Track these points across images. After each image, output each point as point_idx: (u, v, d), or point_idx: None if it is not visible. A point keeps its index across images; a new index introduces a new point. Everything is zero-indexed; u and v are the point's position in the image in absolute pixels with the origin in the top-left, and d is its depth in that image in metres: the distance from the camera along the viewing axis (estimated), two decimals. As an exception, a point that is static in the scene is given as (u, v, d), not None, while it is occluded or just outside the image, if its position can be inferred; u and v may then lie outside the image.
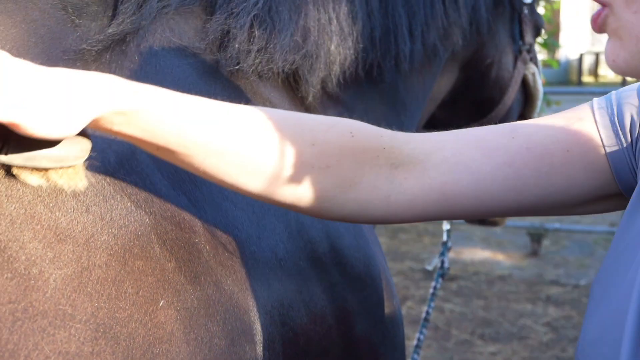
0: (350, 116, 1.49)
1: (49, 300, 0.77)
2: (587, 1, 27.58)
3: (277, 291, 1.06)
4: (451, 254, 2.13)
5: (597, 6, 0.84)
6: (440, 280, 2.07)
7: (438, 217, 1.01)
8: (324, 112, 1.43)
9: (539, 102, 2.12)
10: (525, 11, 1.97)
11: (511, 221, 8.10)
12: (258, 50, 1.23)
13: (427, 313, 2.04)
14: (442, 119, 2.03)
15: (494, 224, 2.30)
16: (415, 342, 1.98)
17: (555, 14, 19.23)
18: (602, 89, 10.64)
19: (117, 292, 0.83)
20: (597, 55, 26.51)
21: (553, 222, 7.91)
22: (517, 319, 5.31)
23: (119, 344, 0.80)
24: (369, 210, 0.98)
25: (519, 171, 0.97)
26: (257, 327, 1.00)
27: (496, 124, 1.93)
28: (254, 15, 1.22)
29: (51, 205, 0.83)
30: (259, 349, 0.99)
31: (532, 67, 2.03)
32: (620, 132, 0.96)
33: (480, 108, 1.98)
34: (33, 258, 0.78)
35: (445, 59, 1.78)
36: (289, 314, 1.07)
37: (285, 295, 1.07)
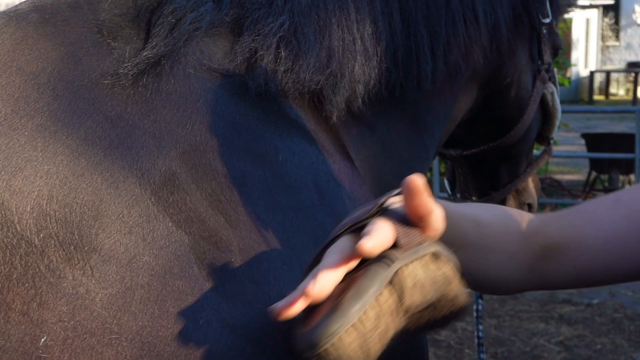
0: (372, 135, 1.51)
1: (97, 320, 0.80)
2: (598, 20, 27.63)
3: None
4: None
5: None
6: (480, 300, 2.08)
7: (578, 286, 1.15)
8: (347, 131, 1.44)
9: (557, 122, 2.12)
10: (544, 31, 1.97)
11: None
12: (285, 71, 1.25)
13: (478, 311, 2.06)
14: (461, 137, 2.04)
15: None
16: (476, 340, 2.01)
17: (566, 32, 19.27)
18: (613, 108, 10.63)
19: (159, 311, 0.86)
20: (607, 73, 26.49)
21: (565, 241, 7.88)
22: (529, 338, 5.29)
23: None
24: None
25: (624, 240, 1.02)
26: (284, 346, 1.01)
27: (514, 142, 1.96)
28: (280, 37, 1.25)
29: (96, 227, 0.87)
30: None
31: (550, 87, 2.03)
32: None
33: (499, 127, 1.98)
34: (80, 278, 0.82)
35: (466, 79, 1.79)
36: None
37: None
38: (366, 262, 0.86)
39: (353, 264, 0.89)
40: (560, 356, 4.94)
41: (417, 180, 0.84)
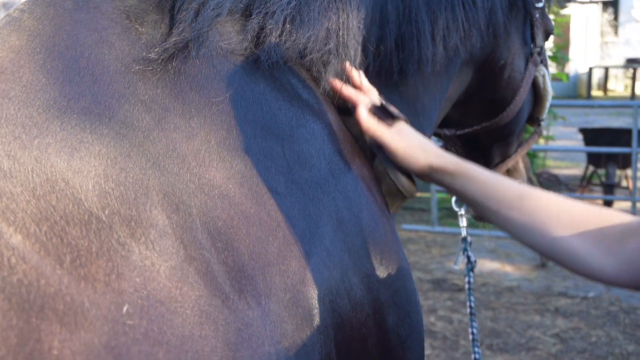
0: None
1: (163, 290, 0.88)
2: (597, 15, 27.63)
3: (327, 280, 1.15)
4: (460, 266, 2.18)
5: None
6: (472, 274, 2.12)
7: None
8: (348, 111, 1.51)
9: (548, 104, 2.17)
10: (537, 15, 2.03)
11: (520, 233, 8.10)
12: (288, 42, 1.33)
13: (471, 307, 2.10)
14: (455, 118, 2.10)
15: None
16: (470, 336, 2.05)
17: (565, 28, 19.29)
18: (611, 102, 10.64)
19: (211, 282, 0.94)
20: (606, 69, 26.49)
21: (562, 235, 7.90)
22: (525, 330, 5.33)
23: (218, 329, 0.91)
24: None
25: None
26: (315, 312, 1.10)
27: (506, 123, 2.01)
28: (287, 13, 1.33)
29: (148, 204, 0.94)
30: (317, 333, 1.10)
31: (542, 69, 2.09)
32: None
33: (492, 108, 2.04)
34: (145, 252, 0.89)
35: (461, 62, 1.85)
36: (336, 301, 1.16)
37: (332, 283, 1.16)
38: None
39: None
40: (555, 348, 4.98)
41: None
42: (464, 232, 2.19)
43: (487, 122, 2.05)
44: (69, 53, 1.06)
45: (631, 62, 26.35)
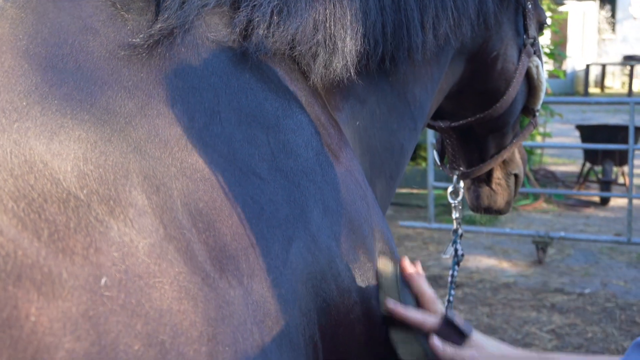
0: (362, 107, 1.60)
1: (142, 265, 0.90)
2: (594, 12, 27.64)
3: (311, 264, 1.17)
4: (451, 259, 2.18)
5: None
6: (457, 267, 2.12)
7: None
8: (337, 103, 1.53)
9: (543, 94, 2.18)
10: (529, 5, 2.05)
11: (517, 229, 8.14)
12: (276, 34, 1.34)
13: (449, 301, 2.11)
14: (449, 109, 2.11)
15: (499, 212, 2.36)
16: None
17: (562, 24, 19.30)
18: (607, 99, 10.65)
19: (191, 260, 0.96)
20: (603, 66, 26.53)
21: (558, 231, 7.95)
22: (521, 326, 5.36)
23: (198, 305, 0.94)
24: None
25: None
26: (298, 295, 1.12)
27: (500, 114, 2.03)
28: (274, 5, 1.34)
29: (128, 185, 0.96)
30: (300, 315, 1.12)
31: (535, 60, 2.10)
32: None
33: (485, 99, 2.04)
34: (123, 229, 0.91)
35: (453, 52, 1.86)
36: (321, 286, 1.18)
37: (317, 268, 1.18)
38: None
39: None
40: (551, 344, 4.99)
41: None
42: (455, 224, 2.20)
43: (481, 113, 2.06)
44: (52, 40, 1.07)
45: (628, 59, 26.40)
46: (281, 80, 1.34)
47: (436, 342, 1.34)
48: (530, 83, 2.14)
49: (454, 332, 1.40)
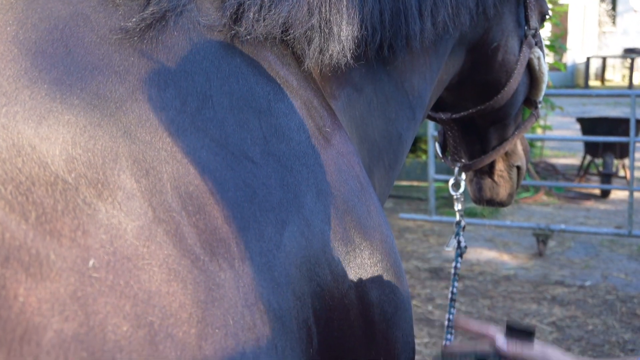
0: (359, 95, 1.58)
1: (130, 247, 0.91)
2: (595, 5, 27.60)
3: (305, 248, 1.17)
4: (454, 251, 2.19)
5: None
6: (459, 259, 2.12)
7: None
8: (332, 91, 1.52)
9: (544, 85, 2.17)
10: None
11: (517, 222, 8.15)
12: (267, 18, 1.33)
13: (452, 293, 2.11)
14: (450, 101, 2.10)
15: (501, 204, 2.36)
16: (446, 322, 2.06)
17: (562, 17, 19.26)
18: (608, 92, 10.63)
19: (180, 243, 0.97)
20: (604, 59, 26.50)
21: (559, 223, 7.95)
22: (522, 318, 5.36)
23: (187, 287, 0.94)
24: None
25: None
26: (291, 279, 1.12)
27: (502, 106, 2.02)
28: None
29: (117, 169, 0.96)
30: (293, 298, 1.12)
31: (537, 51, 2.09)
32: None
33: (486, 90, 2.04)
34: (112, 211, 0.92)
35: (453, 42, 1.85)
36: (315, 270, 1.18)
37: (311, 252, 1.18)
38: None
39: None
40: (552, 336, 5.00)
41: None
42: (457, 216, 2.20)
43: (482, 105, 2.05)
44: (42, 25, 1.08)
45: (629, 52, 26.37)
46: (273, 64, 1.33)
47: (501, 343, 1.40)
48: (532, 74, 2.13)
49: (517, 336, 1.44)
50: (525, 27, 2.04)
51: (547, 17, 2.19)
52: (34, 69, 1.01)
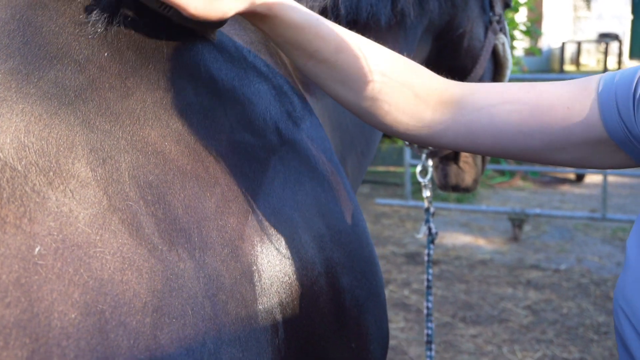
0: None
1: (82, 235, 0.89)
2: (570, -10, 27.71)
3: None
4: (424, 237, 2.20)
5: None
6: (432, 246, 2.12)
7: (464, 149, 1.25)
8: (305, 79, 1.51)
9: (509, 71, 2.19)
10: None
11: (492, 206, 8.19)
12: None
13: (428, 280, 2.10)
14: None
15: (466, 190, 2.38)
16: (425, 310, 2.05)
17: (537, 2, 19.33)
18: (582, 76, 10.73)
19: (137, 232, 0.95)
20: (579, 44, 26.65)
21: (534, 208, 8.01)
22: (497, 302, 5.39)
23: (142, 276, 0.93)
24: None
25: (526, 119, 1.17)
26: (255, 268, 1.11)
27: None
28: None
29: (72, 157, 0.94)
30: (258, 288, 1.11)
31: (502, 37, 2.11)
32: (617, 91, 1.10)
33: (452, 77, 2.05)
34: (62, 199, 0.90)
35: (422, 29, 1.85)
36: (282, 259, 1.17)
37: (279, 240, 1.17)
38: None
39: None
40: (527, 320, 5.04)
41: None
42: (426, 203, 2.21)
43: None
44: None
45: (604, 37, 26.53)
46: (238, 49, 1.31)
47: None
48: (497, 60, 2.15)
49: None
50: (490, 14, 2.06)
51: (511, 3, 2.21)
52: None
